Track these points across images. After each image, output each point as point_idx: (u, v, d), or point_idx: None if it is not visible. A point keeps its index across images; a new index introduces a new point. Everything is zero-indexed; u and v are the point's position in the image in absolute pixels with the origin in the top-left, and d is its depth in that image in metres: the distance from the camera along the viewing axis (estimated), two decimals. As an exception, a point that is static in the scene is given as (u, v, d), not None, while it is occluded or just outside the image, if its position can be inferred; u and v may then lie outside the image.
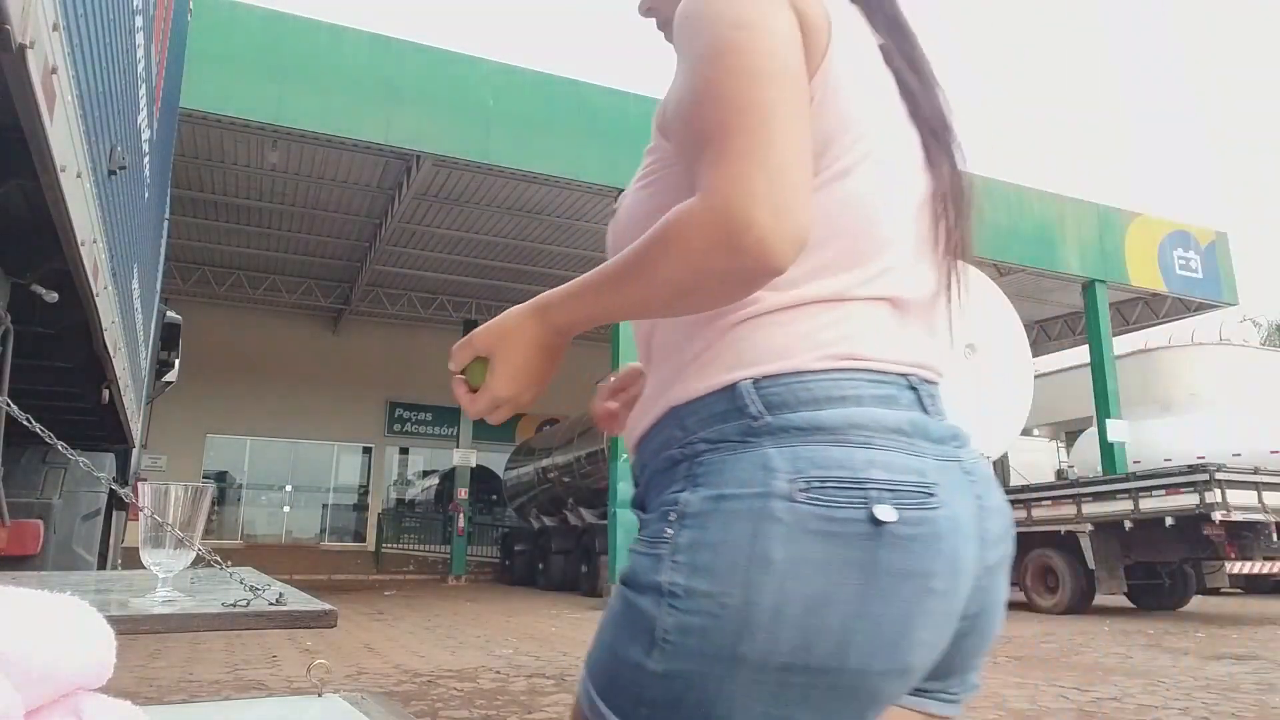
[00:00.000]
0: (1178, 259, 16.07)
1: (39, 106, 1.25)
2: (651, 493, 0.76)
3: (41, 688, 0.55)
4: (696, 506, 0.69)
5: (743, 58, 0.68)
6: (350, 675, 4.95)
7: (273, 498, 21.36)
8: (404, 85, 10.72)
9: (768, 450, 0.68)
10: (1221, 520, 8.64)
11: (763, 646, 0.65)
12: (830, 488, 0.66)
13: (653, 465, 0.76)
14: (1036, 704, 4.44)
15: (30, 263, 1.98)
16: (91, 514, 3.80)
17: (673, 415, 0.74)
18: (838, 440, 0.68)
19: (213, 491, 1.20)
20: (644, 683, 0.67)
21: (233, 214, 14.45)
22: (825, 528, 0.66)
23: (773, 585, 0.65)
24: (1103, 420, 14.52)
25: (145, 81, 2.60)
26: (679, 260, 0.66)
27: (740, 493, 0.67)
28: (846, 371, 0.71)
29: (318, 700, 0.87)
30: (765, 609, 0.65)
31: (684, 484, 0.71)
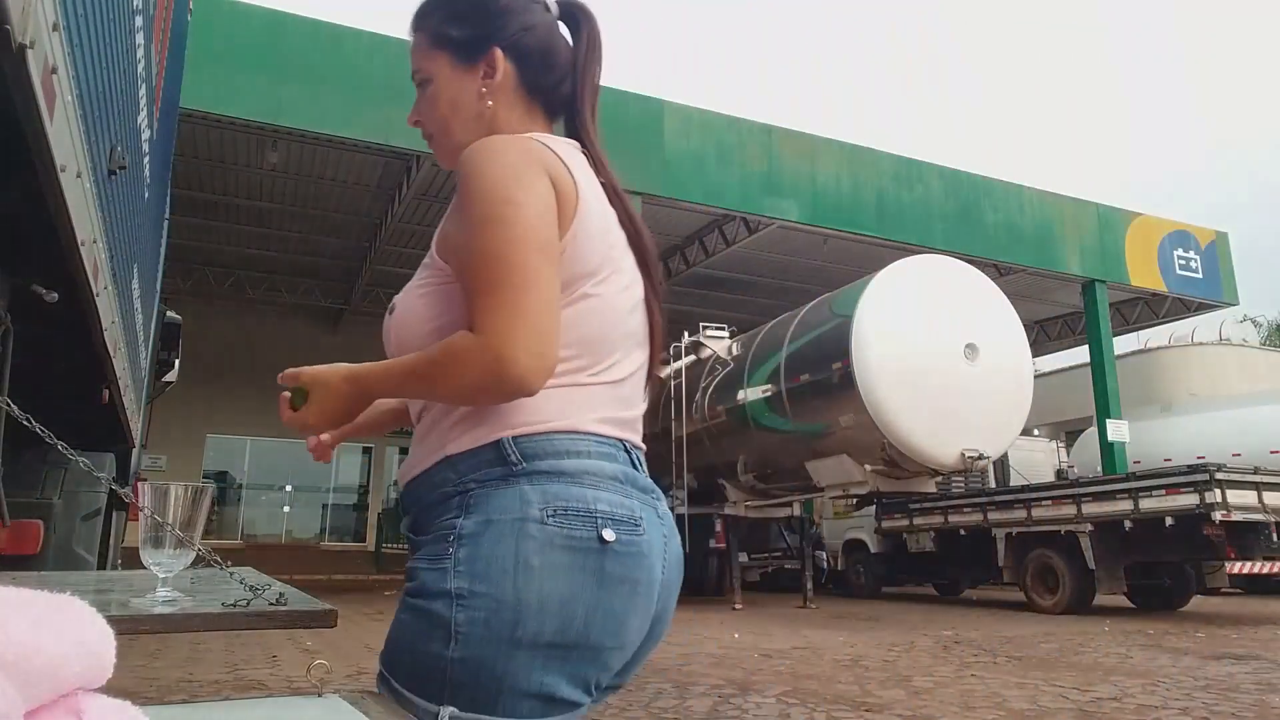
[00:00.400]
0: (1178, 259, 16.07)
1: (39, 106, 1.25)
2: (423, 520, 0.97)
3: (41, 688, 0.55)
4: (470, 529, 0.90)
5: (511, 229, 0.89)
6: (350, 675, 4.95)
7: (273, 498, 21.36)
8: (404, 85, 10.41)
9: (524, 487, 0.91)
10: (1221, 520, 8.63)
11: (533, 629, 0.87)
12: (570, 515, 0.90)
13: (426, 499, 0.97)
14: (1036, 704, 4.44)
15: (30, 263, 1.98)
16: (91, 514, 3.80)
17: (446, 462, 0.95)
18: (575, 482, 0.92)
19: (213, 491, 1.20)
20: (447, 669, 0.86)
21: (233, 214, 14.45)
22: (567, 543, 0.89)
23: (535, 584, 0.87)
24: (1103, 420, 14.53)
25: (145, 81, 2.60)
26: (457, 384, 0.89)
27: (504, 518, 0.90)
28: (581, 434, 0.95)
29: (318, 700, 0.87)
30: (531, 602, 0.87)
31: (458, 512, 0.92)
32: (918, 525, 12.21)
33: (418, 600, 0.89)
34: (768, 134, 13.07)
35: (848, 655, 6.37)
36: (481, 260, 0.90)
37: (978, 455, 9.75)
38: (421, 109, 1.10)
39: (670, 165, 12.20)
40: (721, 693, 4.71)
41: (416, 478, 0.99)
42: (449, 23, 1.07)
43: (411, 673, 0.89)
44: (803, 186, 13.12)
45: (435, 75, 1.08)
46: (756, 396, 11.10)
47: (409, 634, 0.89)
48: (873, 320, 9.70)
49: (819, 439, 10.43)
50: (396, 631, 0.91)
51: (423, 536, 0.96)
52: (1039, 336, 18.47)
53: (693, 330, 12.63)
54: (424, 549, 0.93)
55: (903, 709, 4.29)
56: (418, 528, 0.98)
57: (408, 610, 0.90)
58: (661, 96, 12.44)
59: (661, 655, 6.24)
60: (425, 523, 0.97)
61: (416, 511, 0.99)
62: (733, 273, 16.30)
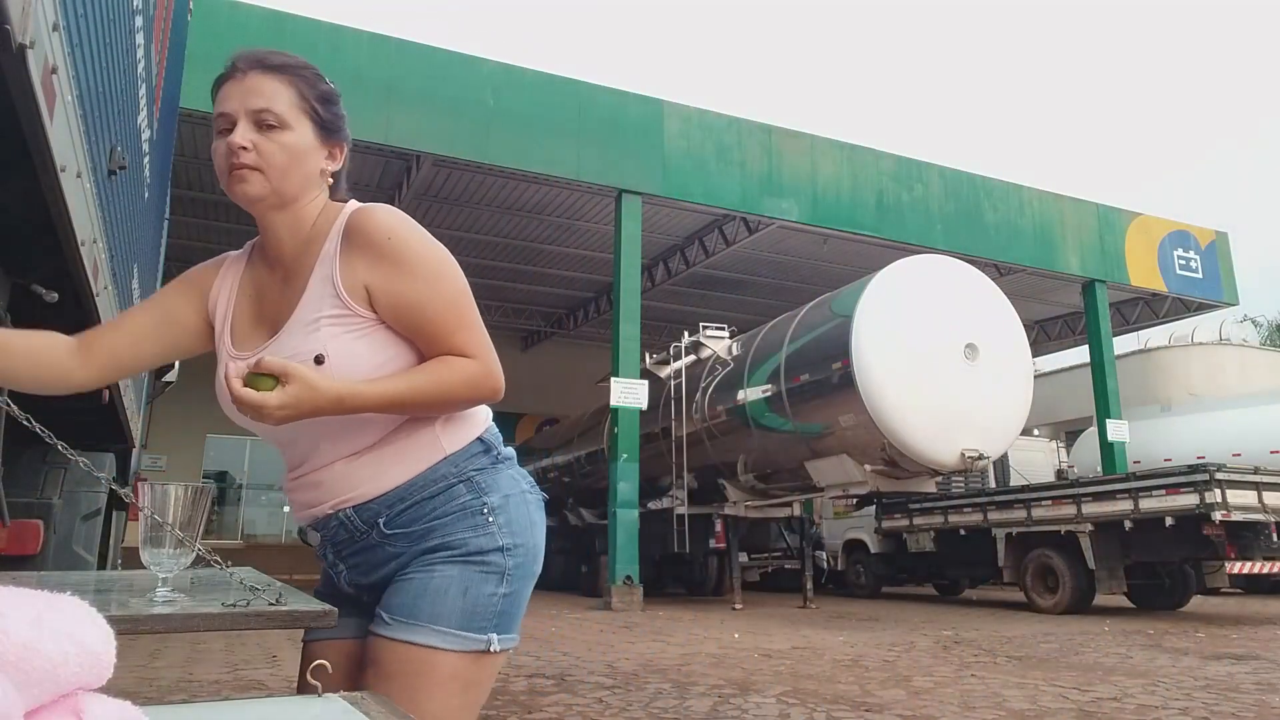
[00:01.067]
0: (1178, 259, 16.08)
1: (39, 106, 1.25)
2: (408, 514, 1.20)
3: (41, 688, 0.55)
4: (497, 503, 1.23)
5: (459, 280, 1.21)
6: (350, 675, 4.93)
7: (273, 498, 21.35)
8: (404, 85, 10.73)
9: (510, 470, 1.28)
10: (1221, 520, 8.63)
11: (539, 565, 1.27)
12: (534, 484, 1.32)
13: (415, 496, 1.20)
14: (1036, 704, 4.44)
15: (30, 263, 1.98)
16: (91, 514, 3.80)
17: (447, 460, 1.21)
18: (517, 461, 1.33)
19: (213, 491, 1.21)
20: (497, 604, 1.19)
21: (233, 214, 14.45)
22: (539, 503, 1.31)
23: (539, 534, 1.27)
24: (1103, 420, 14.53)
25: (145, 81, 2.60)
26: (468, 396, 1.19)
27: (514, 491, 1.26)
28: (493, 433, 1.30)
29: (318, 700, 0.87)
30: (540, 546, 1.27)
31: (474, 494, 1.22)
32: (918, 525, 12.21)
33: (471, 556, 1.18)
34: (768, 134, 13.07)
35: (848, 655, 6.37)
36: (449, 306, 1.19)
37: (978, 455, 9.74)
38: (264, 146, 1.17)
39: (670, 165, 12.20)
40: (721, 693, 4.71)
41: (404, 484, 1.20)
42: (319, 101, 1.23)
43: (465, 613, 1.16)
44: (803, 186, 13.12)
45: (296, 130, 1.20)
46: (756, 396, 11.09)
47: (462, 584, 1.17)
48: (873, 320, 9.70)
49: (819, 439, 10.43)
50: (444, 583, 1.16)
51: (412, 526, 1.20)
52: (1039, 336, 18.47)
53: (693, 330, 12.63)
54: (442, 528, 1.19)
55: (903, 709, 4.29)
56: (398, 522, 1.20)
57: (458, 566, 1.17)
58: (661, 96, 12.44)
59: (661, 655, 6.24)
60: (413, 515, 1.20)
61: (395, 510, 1.20)
62: (733, 273, 16.30)
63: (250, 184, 1.18)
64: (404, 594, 1.17)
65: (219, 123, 1.19)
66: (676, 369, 12.42)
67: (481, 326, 1.21)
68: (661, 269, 16.28)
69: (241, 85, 1.18)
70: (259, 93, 1.18)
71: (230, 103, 1.18)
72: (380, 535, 1.20)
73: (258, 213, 1.22)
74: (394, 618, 1.15)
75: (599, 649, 6.58)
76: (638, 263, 12.13)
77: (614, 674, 5.35)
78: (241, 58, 1.21)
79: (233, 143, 1.16)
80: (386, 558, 1.22)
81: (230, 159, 1.17)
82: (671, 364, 12.51)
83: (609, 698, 4.52)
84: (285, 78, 1.20)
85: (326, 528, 1.25)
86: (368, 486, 1.20)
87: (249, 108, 1.17)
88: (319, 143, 1.24)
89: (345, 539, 1.24)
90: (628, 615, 9.88)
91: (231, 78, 1.20)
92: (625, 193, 11.97)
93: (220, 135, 1.19)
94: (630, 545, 11.00)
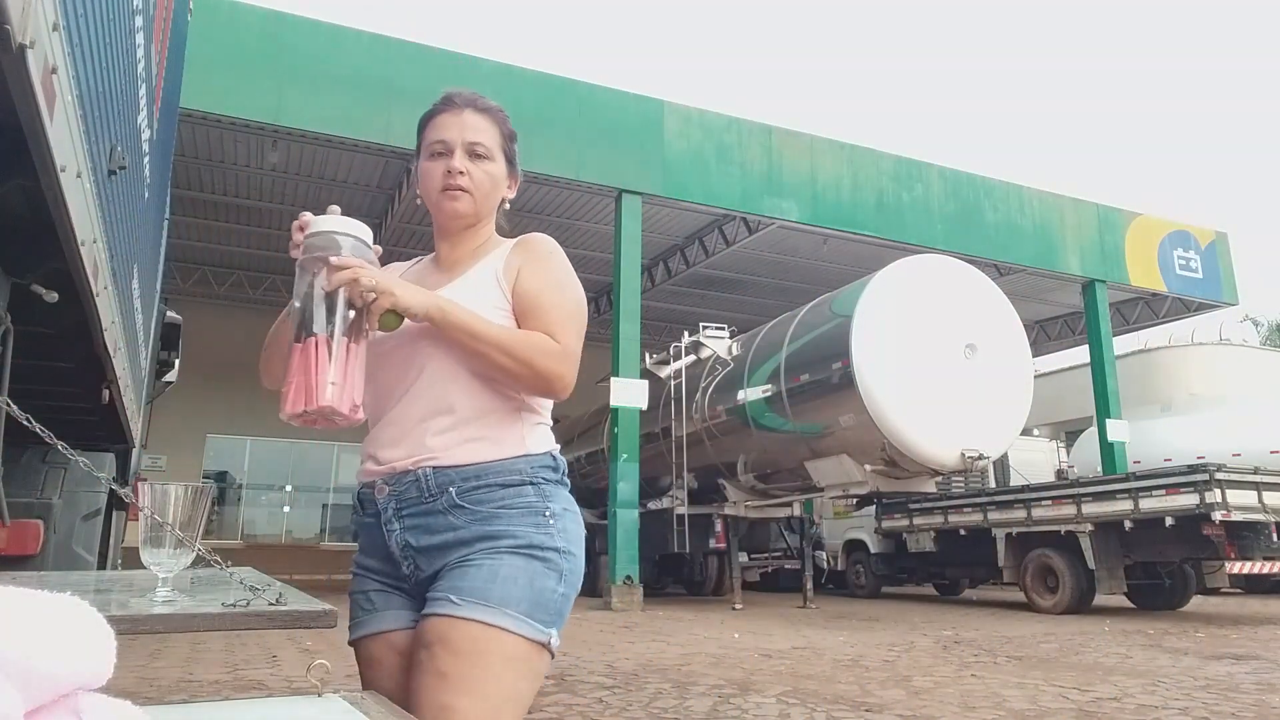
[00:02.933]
0: (1178, 259, 16.08)
1: (39, 106, 1.25)
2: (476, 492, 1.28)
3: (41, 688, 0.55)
4: (558, 510, 1.32)
5: (578, 291, 1.39)
6: (350, 675, 4.92)
7: (273, 498, 21.34)
8: (404, 85, 10.72)
9: (566, 490, 1.38)
10: (1221, 520, 8.63)
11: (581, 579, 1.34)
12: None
13: (489, 479, 1.29)
14: (1036, 704, 4.44)
15: (30, 263, 1.98)
16: (91, 514, 3.80)
17: (525, 457, 1.32)
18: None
19: (213, 491, 1.21)
20: (557, 601, 1.27)
21: (233, 214, 14.46)
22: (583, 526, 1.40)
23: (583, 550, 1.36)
24: (1103, 420, 14.53)
25: (145, 81, 2.60)
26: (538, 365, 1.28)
27: (571, 507, 1.36)
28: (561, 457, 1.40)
29: (318, 700, 0.87)
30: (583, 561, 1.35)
31: (538, 498, 1.31)
32: (918, 525, 12.21)
33: (535, 550, 1.27)
34: (768, 134, 13.06)
35: (848, 655, 6.37)
36: (559, 305, 1.34)
37: (978, 455, 9.74)
38: (475, 173, 1.39)
39: (670, 165, 12.20)
40: (721, 693, 4.71)
41: (484, 462, 1.30)
42: (509, 140, 1.46)
43: (533, 602, 1.23)
44: (803, 186, 13.12)
45: (496, 163, 1.42)
46: (756, 396, 11.09)
47: (528, 574, 1.25)
48: (873, 320, 9.70)
49: (819, 439, 10.43)
50: (513, 572, 1.24)
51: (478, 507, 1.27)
52: (1039, 336, 18.47)
53: (693, 330, 12.62)
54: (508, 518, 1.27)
55: (903, 709, 4.29)
56: (469, 498, 1.28)
57: (524, 557, 1.25)
58: (661, 96, 12.44)
59: (661, 655, 6.24)
60: (483, 497, 1.28)
61: (469, 485, 1.28)
62: (733, 273, 16.30)
63: (461, 202, 1.38)
64: (473, 578, 1.22)
65: (434, 147, 1.40)
66: (676, 369, 12.42)
67: (578, 338, 1.34)
68: (661, 269, 16.28)
69: (459, 119, 1.40)
70: (474, 128, 1.40)
71: (449, 131, 1.39)
72: (448, 503, 1.27)
73: (455, 227, 1.42)
74: (464, 599, 1.21)
75: (599, 649, 6.58)
76: (638, 263, 12.13)
77: (614, 674, 5.35)
78: (458, 95, 1.43)
79: (454, 166, 1.37)
80: (445, 527, 1.28)
81: (447, 179, 1.37)
82: (671, 364, 12.51)
83: (609, 697, 4.52)
84: (492, 118, 1.43)
85: (400, 483, 1.30)
86: (452, 453, 1.29)
87: (466, 139, 1.39)
88: (506, 175, 1.45)
89: (414, 498, 1.29)
90: (628, 615, 9.88)
91: (448, 110, 1.41)
92: (625, 193, 11.97)
93: (434, 158, 1.39)
94: (630, 545, 10.99)
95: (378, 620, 1.33)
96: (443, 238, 1.45)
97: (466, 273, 1.39)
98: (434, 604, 1.23)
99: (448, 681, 1.16)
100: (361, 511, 1.37)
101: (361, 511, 1.37)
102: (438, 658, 1.18)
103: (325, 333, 1.16)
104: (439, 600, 1.22)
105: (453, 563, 1.26)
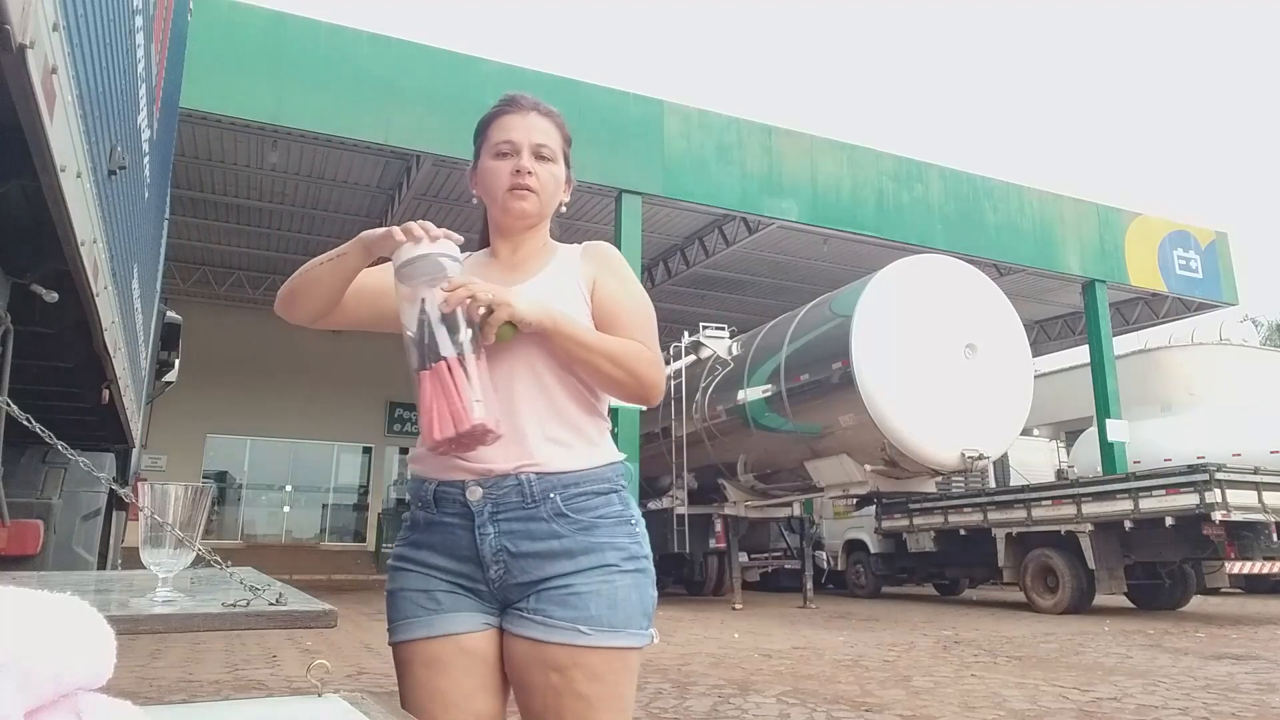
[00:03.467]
0: (1178, 259, 16.07)
1: (39, 106, 1.25)
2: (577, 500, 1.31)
3: (41, 688, 0.55)
4: (638, 517, 1.39)
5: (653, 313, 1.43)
6: (350, 675, 4.95)
7: (273, 498, 21.34)
8: (404, 85, 10.72)
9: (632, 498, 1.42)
10: (1221, 520, 8.64)
11: None
12: None
13: (585, 487, 1.32)
14: (1036, 704, 4.44)
15: (30, 263, 1.98)
16: (91, 514, 3.79)
17: (610, 466, 1.36)
18: None
19: (213, 491, 1.20)
20: (652, 603, 1.35)
21: (233, 214, 14.45)
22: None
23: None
24: (1103, 420, 14.52)
25: (145, 81, 2.60)
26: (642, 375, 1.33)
27: (641, 514, 1.41)
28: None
29: (318, 700, 0.87)
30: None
31: (623, 506, 1.36)
32: (918, 525, 12.21)
33: (635, 561, 1.33)
34: (768, 134, 13.06)
35: (848, 655, 6.37)
36: (640, 315, 1.39)
37: (978, 455, 9.75)
38: (541, 173, 1.41)
39: (670, 165, 12.20)
40: (721, 693, 4.71)
41: (582, 470, 1.32)
42: (568, 144, 1.49)
43: (642, 613, 1.31)
44: (803, 186, 13.12)
45: (558, 165, 1.45)
46: (756, 396, 11.10)
47: (637, 588, 1.31)
48: (873, 320, 9.70)
49: (819, 439, 10.43)
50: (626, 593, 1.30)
51: (580, 515, 1.30)
52: (1039, 336, 18.47)
53: (693, 330, 12.62)
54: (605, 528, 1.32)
55: (903, 709, 4.29)
56: (572, 506, 1.30)
57: (630, 574, 1.31)
58: (661, 97, 12.44)
59: (661, 655, 6.24)
60: (582, 505, 1.31)
61: (569, 492, 1.31)
62: (733, 273, 16.30)
63: (528, 201, 1.40)
64: (595, 607, 1.27)
65: (501, 147, 1.40)
66: (676, 369, 12.41)
67: (659, 347, 1.41)
68: (661, 269, 16.28)
69: (525, 120, 1.42)
70: (540, 130, 1.42)
71: (516, 133, 1.40)
72: (552, 510, 1.29)
73: (520, 227, 1.43)
74: (593, 629, 1.26)
75: (599, 649, 6.57)
76: (638, 263, 12.14)
77: (614, 674, 5.34)
78: (522, 97, 1.45)
79: (522, 165, 1.38)
80: (547, 534, 1.29)
81: (515, 178, 1.38)
82: (671, 364, 12.51)
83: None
84: (554, 122, 1.46)
85: (499, 487, 1.29)
86: (557, 460, 1.31)
87: (532, 141, 1.40)
88: (565, 175, 1.47)
89: (515, 503, 1.29)
90: (628, 615, 9.86)
91: (514, 111, 1.43)
92: (625, 192, 11.96)
93: (501, 157, 1.40)
94: (630, 545, 10.98)
95: (448, 622, 1.30)
96: (503, 237, 1.46)
97: (539, 276, 1.39)
98: (557, 632, 1.26)
99: (589, 702, 1.24)
100: (435, 510, 1.33)
101: (435, 510, 1.33)
102: (576, 681, 1.25)
103: (454, 354, 1.18)
104: (564, 629, 1.26)
105: (560, 583, 1.28)
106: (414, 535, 1.36)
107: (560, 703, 1.25)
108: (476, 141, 1.46)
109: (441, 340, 1.18)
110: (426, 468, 1.34)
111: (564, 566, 1.28)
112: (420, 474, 1.36)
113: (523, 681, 1.28)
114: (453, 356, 1.17)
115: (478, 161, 1.45)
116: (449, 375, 1.16)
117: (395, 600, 1.34)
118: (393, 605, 1.34)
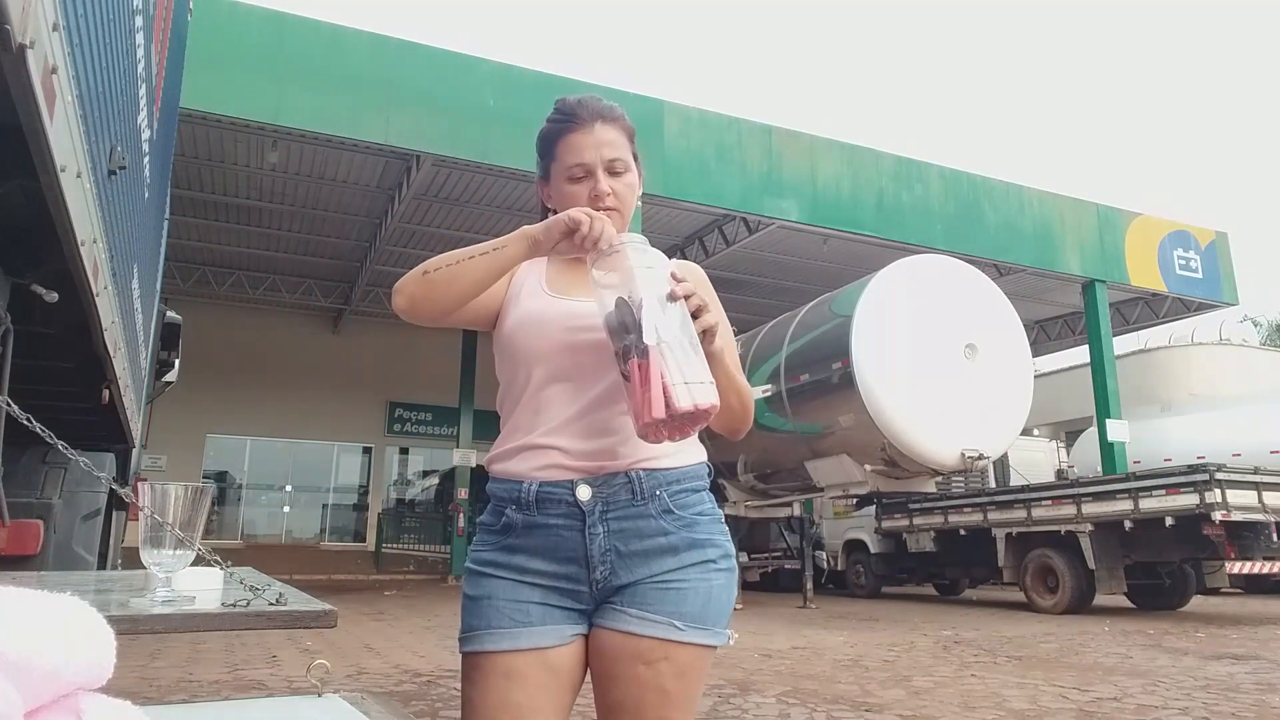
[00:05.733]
0: (1178, 259, 16.06)
1: (39, 106, 1.25)
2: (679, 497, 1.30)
3: (41, 688, 0.55)
4: (722, 515, 1.37)
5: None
6: (350, 675, 4.95)
7: (273, 498, 21.35)
8: (404, 85, 10.72)
9: None
10: (1221, 520, 8.64)
11: None
12: None
13: (685, 484, 1.31)
14: (1036, 704, 4.44)
15: (30, 263, 1.98)
16: (91, 514, 3.80)
17: (703, 463, 1.36)
18: None
19: (213, 491, 1.20)
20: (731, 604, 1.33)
21: (233, 214, 14.45)
22: None
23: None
24: (1103, 420, 14.52)
25: (145, 81, 2.60)
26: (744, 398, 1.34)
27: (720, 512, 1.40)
28: None
29: (318, 700, 0.87)
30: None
31: (712, 504, 1.35)
32: (918, 525, 12.21)
33: (729, 559, 1.32)
34: (768, 134, 13.06)
35: (848, 655, 6.37)
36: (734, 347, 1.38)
37: (978, 455, 9.75)
38: (618, 189, 1.37)
39: (670, 165, 12.20)
40: (721, 693, 4.71)
41: (685, 466, 1.32)
42: (633, 141, 1.44)
43: (728, 614, 1.31)
44: (803, 186, 13.12)
45: (633, 172, 1.41)
46: (756, 396, 11.05)
47: (728, 587, 1.31)
48: (873, 320, 9.70)
49: (819, 439, 10.43)
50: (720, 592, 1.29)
51: (683, 512, 1.29)
52: (1039, 336, 18.47)
53: (693, 330, 12.60)
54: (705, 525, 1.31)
55: (903, 709, 4.29)
56: (678, 502, 1.30)
57: (725, 572, 1.31)
58: (661, 96, 12.44)
59: (661, 655, 6.23)
60: (686, 501, 1.30)
61: (673, 489, 1.30)
62: (733, 273, 16.29)
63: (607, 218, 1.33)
64: (691, 603, 1.27)
65: (574, 171, 1.36)
66: (676, 369, 12.40)
67: None
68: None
69: (592, 137, 1.36)
70: (609, 143, 1.38)
71: (586, 154, 1.36)
72: (660, 508, 1.28)
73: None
74: (687, 624, 1.25)
75: (599, 649, 6.57)
76: (638, 263, 12.11)
77: (614, 674, 5.34)
78: (581, 108, 1.39)
79: (600, 190, 1.35)
80: (655, 531, 1.27)
81: (596, 204, 1.34)
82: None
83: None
84: (619, 126, 1.41)
85: (609, 485, 1.27)
86: (665, 457, 1.29)
87: (604, 158, 1.36)
88: (638, 177, 1.43)
89: (624, 500, 1.27)
90: (628, 615, 9.86)
91: (578, 129, 1.37)
92: (625, 193, 11.95)
93: (575, 181, 1.36)
94: (630, 545, 10.98)
95: (536, 635, 1.25)
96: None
97: None
98: (652, 626, 1.25)
99: (669, 697, 1.24)
100: (536, 511, 1.28)
101: (536, 511, 1.28)
102: (663, 675, 1.24)
103: (686, 338, 1.17)
104: (660, 624, 1.25)
105: (662, 578, 1.27)
106: (506, 539, 1.30)
107: (642, 695, 1.23)
108: (543, 156, 1.42)
109: (648, 331, 1.15)
110: (523, 468, 1.29)
111: (668, 563, 1.27)
112: (515, 474, 1.30)
113: (608, 672, 1.26)
114: (653, 346, 1.15)
115: (549, 177, 1.41)
116: (659, 361, 1.14)
117: (479, 607, 1.28)
118: (475, 612, 1.28)
